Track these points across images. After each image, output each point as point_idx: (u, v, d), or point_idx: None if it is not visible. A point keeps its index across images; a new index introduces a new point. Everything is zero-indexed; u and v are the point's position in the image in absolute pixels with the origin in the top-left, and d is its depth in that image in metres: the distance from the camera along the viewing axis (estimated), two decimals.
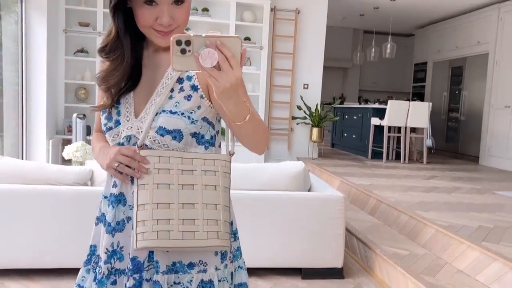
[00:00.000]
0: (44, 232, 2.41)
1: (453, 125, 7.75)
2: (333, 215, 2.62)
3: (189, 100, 0.98)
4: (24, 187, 2.41)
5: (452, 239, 2.69)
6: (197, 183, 0.94)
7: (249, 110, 0.87)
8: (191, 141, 0.99)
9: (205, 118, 1.00)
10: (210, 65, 0.77)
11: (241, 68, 0.79)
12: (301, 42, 6.41)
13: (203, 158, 0.96)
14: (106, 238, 1.01)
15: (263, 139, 0.97)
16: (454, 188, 4.42)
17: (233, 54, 0.77)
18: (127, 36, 0.98)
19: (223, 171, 0.97)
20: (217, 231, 0.93)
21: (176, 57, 0.77)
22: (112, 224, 1.01)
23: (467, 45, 7.39)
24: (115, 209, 1.00)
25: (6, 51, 4.67)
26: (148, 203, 0.91)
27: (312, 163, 5.93)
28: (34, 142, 5.02)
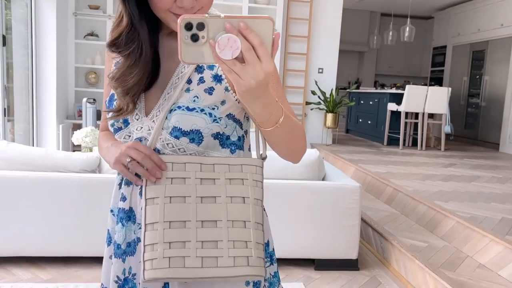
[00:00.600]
0: (52, 220, 2.36)
1: (473, 111, 7.51)
2: (348, 205, 2.51)
3: (211, 94, 0.78)
4: (31, 174, 2.36)
5: (474, 231, 2.56)
6: (220, 194, 0.75)
7: (282, 112, 0.70)
8: (213, 143, 0.79)
9: (231, 115, 0.80)
10: (231, 56, 0.59)
11: (273, 60, 0.60)
12: (316, 25, 6.22)
13: (227, 164, 0.77)
14: (115, 264, 0.83)
15: (300, 146, 0.80)
16: (474, 176, 4.27)
17: (262, 41, 0.58)
18: (143, 23, 0.78)
19: (254, 178, 0.77)
20: (247, 255, 0.73)
21: (185, 46, 0.59)
22: (122, 246, 0.82)
23: (489, 28, 7.10)
24: (125, 227, 0.82)
25: (16, 36, 4.61)
26: (158, 222, 0.72)
27: (326, 149, 5.80)
28: (44, 127, 4.99)
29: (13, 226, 2.34)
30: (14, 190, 2.33)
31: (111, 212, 0.88)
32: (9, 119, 4.37)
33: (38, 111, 4.95)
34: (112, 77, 0.81)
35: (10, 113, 4.47)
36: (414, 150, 6.07)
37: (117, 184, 0.87)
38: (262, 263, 0.74)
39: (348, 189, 2.52)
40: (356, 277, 2.49)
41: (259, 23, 0.58)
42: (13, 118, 4.61)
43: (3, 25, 4.11)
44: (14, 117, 4.62)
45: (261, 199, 0.78)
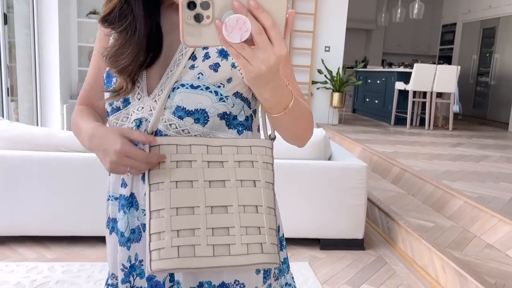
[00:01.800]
0: (56, 199, 2.35)
1: (482, 90, 7.38)
2: (354, 184, 2.48)
3: (217, 71, 0.72)
4: (34, 153, 2.34)
5: (482, 211, 2.52)
6: (229, 178, 0.70)
7: (291, 97, 0.65)
8: (219, 124, 0.74)
9: (238, 93, 0.74)
10: (240, 39, 0.51)
11: (285, 43, 0.54)
12: (323, 2, 6.08)
13: (235, 145, 0.72)
14: (120, 252, 0.79)
15: (308, 131, 0.76)
16: (482, 156, 4.20)
17: (275, 21, 0.51)
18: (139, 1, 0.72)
19: (264, 161, 0.72)
20: (261, 242, 0.68)
21: (187, 27, 0.52)
22: (125, 234, 0.78)
23: (501, 4, 6.92)
24: (127, 214, 0.77)
25: (18, 15, 4.55)
26: (164, 209, 0.67)
27: (332, 129, 5.75)
28: (48, 107, 4.97)
29: (18, 205, 2.33)
30: (18, 169, 2.32)
31: (113, 199, 0.82)
32: (12, 99, 4.35)
33: (42, 91, 4.93)
34: (105, 56, 0.74)
35: (14, 93, 4.44)
36: (421, 130, 6.00)
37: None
38: (277, 250, 0.70)
39: (355, 168, 2.48)
40: (361, 256, 2.47)
41: (271, 1, 0.51)
42: (17, 98, 4.59)
43: (4, 3, 4.04)
44: (17, 97, 4.60)
45: (272, 182, 0.73)
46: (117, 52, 0.73)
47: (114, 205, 0.82)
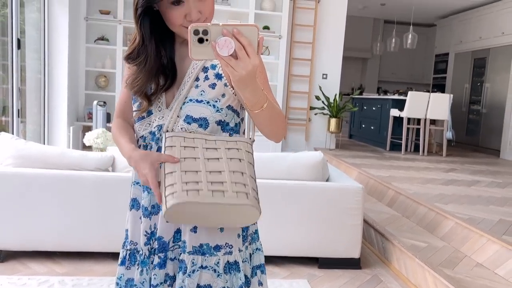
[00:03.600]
0: (67, 216, 2.46)
1: (474, 118, 7.60)
2: (351, 205, 2.61)
3: (214, 89, 1.00)
4: (48, 171, 2.47)
5: (472, 232, 2.66)
6: (222, 157, 0.94)
7: (266, 99, 0.90)
8: (216, 128, 1.01)
9: (230, 106, 1.02)
10: (227, 53, 0.78)
11: (258, 56, 0.80)
12: (320, 31, 6.34)
13: (225, 140, 0.98)
14: (144, 222, 1.05)
15: (281, 128, 1.00)
16: (474, 181, 4.36)
17: (250, 42, 0.78)
18: (152, 40, 1.00)
19: (246, 149, 0.97)
20: (246, 193, 0.89)
21: (193, 47, 0.79)
22: (148, 208, 1.04)
23: (491, 36, 7.21)
24: (150, 194, 1.04)
25: (29, 39, 4.75)
26: (175, 171, 0.90)
27: (329, 154, 5.90)
28: (55, 129, 5.12)
29: (30, 221, 2.44)
30: (32, 186, 2.44)
31: (136, 184, 1.09)
32: (21, 120, 4.49)
33: (49, 113, 5.08)
34: (126, 82, 1.05)
35: (22, 114, 4.60)
36: (416, 156, 6.16)
37: None
38: (257, 202, 0.91)
39: (351, 190, 2.62)
40: (358, 275, 2.58)
41: (247, 29, 0.78)
42: (25, 119, 4.73)
43: (18, 28, 4.24)
44: (26, 118, 4.75)
45: (252, 163, 0.96)
46: (134, 78, 1.02)
47: (136, 189, 1.09)
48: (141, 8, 0.96)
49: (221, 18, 5.67)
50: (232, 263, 1.01)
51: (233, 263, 1.01)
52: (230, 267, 1.01)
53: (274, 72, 6.01)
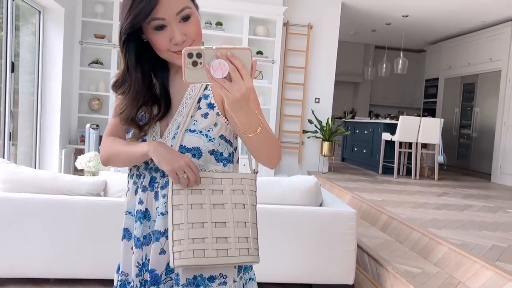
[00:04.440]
0: (58, 242, 2.42)
1: (465, 142, 7.69)
2: (344, 230, 2.60)
3: (206, 118, 1.00)
4: (39, 196, 2.44)
5: (466, 258, 2.65)
6: (227, 202, 0.97)
7: (260, 122, 0.90)
8: (210, 158, 1.01)
9: (222, 136, 1.02)
10: (221, 75, 0.78)
11: (251, 79, 0.80)
12: (313, 56, 6.45)
13: (231, 178, 1.00)
14: (136, 253, 1.04)
15: (275, 152, 0.99)
16: (466, 205, 4.38)
17: (244, 64, 0.79)
18: (138, 68, 1.00)
19: (250, 189, 1.01)
20: (248, 247, 0.96)
21: (187, 70, 0.78)
22: (141, 239, 1.04)
23: (479, 62, 7.37)
24: (142, 224, 1.03)
25: (22, 62, 4.76)
26: (183, 223, 0.94)
27: (322, 177, 5.91)
28: (47, 151, 5.08)
29: (20, 247, 2.40)
30: (22, 212, 2.40)
31: (128, 214, 1.08)
32: (13, 143, 4.46)
33: (42, 135, 5.05)
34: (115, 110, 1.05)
35: (14, 137, 4.57)
36: (408, 179, 6.19)
37: (132, 191, 1.07)
38: (257, 253, 0.99)
39: (345, 215, 2.62)
40: None
41: (241, 52, 0.79)
42: (16, 142, 4.70)
43: (13, 52, 4.26)
44: (17, 141, 4.71)
45: (255, 204, 1.02)
46: (119, 106, 1.03)
47: (128, 218, 1.08)
48: (124, 35, 0.95)
49: (215, 43, 5.75)
50: None
51: None
52: None
53: (267, 96, 6.07)
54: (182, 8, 0.95)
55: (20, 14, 4.69)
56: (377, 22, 7.67)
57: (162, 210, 1.00)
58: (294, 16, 6.32)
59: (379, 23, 7.72)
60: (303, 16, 6.36)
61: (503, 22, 6.84)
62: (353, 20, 7.56)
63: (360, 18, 7.42)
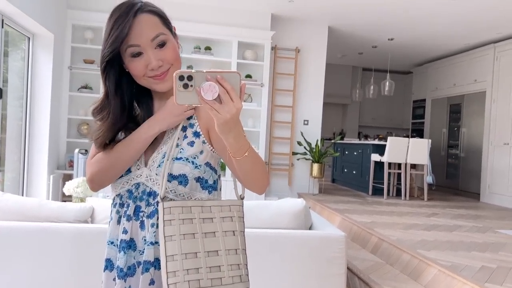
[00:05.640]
0: (44, 270, 2.38)
1: (453, 162, 7.77)
2: (334, 254, 2.59)
3: (192, 146, 1.02)
4: (24, 224, 2.40)
5: (455, 279, 2.65)
6: (217, 229, 0.99)
7: (248, 145, 0.91)
8: (195, 185, 1.02)
9: (208, 163, 1.04)
10: (211, 97, 0.80)
11: (241, 101, 0.82)
12: (301, 79, 6.53)
13: (220, 205, 1.01)
14: (118, 284, 1.02)
15: (263, 177, 1.00)
16: (455, 226, 4.39)
17: (233, 87, 0.81)
18: (117, 95, 1.02)
19: (238, 215, 1.03)
20: (240, 274, 0.99)
21: (178, 92, 0.80)
22: (124, 269, 1.02)
23: (464, 83, 7.52)
24: (126, 254, 1.02)
25: (11, 87, 4.76)
26: (177, 254, 0.94)
27: (313, 199, 5.91)
28: (35, 177, 5.03)
29: (5, 276, 2.35)
30: (7, 240, 2.36)
31: (111, 244, 1.06)
32: None
33: (30, 161, 5.01)
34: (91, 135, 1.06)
35: (1, 163, 4.52)
36: (398, 200, 6.21)
37: (115, 221, 1.06)
38: (248, 279, 1.01)
39: (334, 238, 2.61)
40: None
41: (230, 75, 0.82)
42: (3, 168, 4.65)
43: (0, 78, 4.26)
44: (4, 167, 4.66)
45: (243, 230, 1.04)
46: (94, 132, 1.04)
47: (110, 249, 1.06)
48: (103, 63, 0.99)
49: (204, 67, 5.80)
50: None
51: None
52: None
53: (257, 118, 6.11)
54: (156, 35, 0.98)
55: (10, 40, 4.71)
56: (363, 45, 7.83)
57: (152, 239, 0.99)
58: (282, 40, 6.43)
59: (366, 46, 7.88)
60: (291, 40, 6.47)
61: (486, 45, 7.02)
62: (340, 43, 7.71)
63: (347, 41, 7.57)
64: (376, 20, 6.25)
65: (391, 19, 6.16)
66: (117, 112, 1.02)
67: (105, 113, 1.02)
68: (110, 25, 0.97)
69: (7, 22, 4.32)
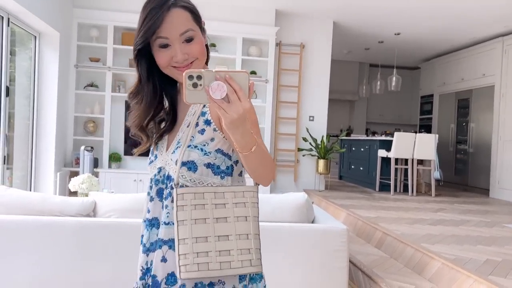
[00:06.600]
0: (47, 263, 2.41)
1: (462, 157, 7.69)
2: (336, 247, 2.58)
3: (203, 134, 1.06)
4: (28, 218, 2.43)
5: (459, 272, 2.62)
6: (229, 215, 1.02)
7: (255, 141, 0.93)
8: (206, 171, 1.06)
9: (219, 150, 1.07)
10: (220, 97, 0.82)
11: (248, 100, 0.85)
12: (306, 75, 6.52)
13: (233, 191, 1.04)
14: (141, 257, 1.12)
15: (269, 171, 1.03)
16: (462, 221, 4.35)
17: (241, 87, 0.83)
18: (150, 81, 1.09)
19: (252, 201, 1.05)
20: (250, 259, 1.01)
21: (188, 91, 0.83)
22: (147, 245, 1.12)
23: (472, 78, 7.44)
24: (149, 231, 1.11)
25: (18, 86, 4.82)
26: (188, 238, 0.99)
27: (318, 195, 5.89)
28: (42, 175, 5.09)
29: (9, 270, 2.38)
30: (11, 233, 2.40)
31: (143, 222, 1.16)
32: (8, 167, 4.47)
33: (37, 159, 5.07)
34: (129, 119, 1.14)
35: (9, 161, 4.58)
36: (405, 196, 6.17)
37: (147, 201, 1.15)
38: (260, 262, 1.04)
39: (336, 231, 2.60)
40: None
41: (239, 74, 0.83)
42: (12, 166, 4.71)
43: (7, 77, 4.31)
44: (12, 165, 4.73)
45: (257, 216, 1.05)
46: (132, 115, 1.12)
47: (143, 225, 1.16)
48: (135, 50, 1.05)
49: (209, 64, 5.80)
50: None
51: None
52: None
53: (261, 115, 6.11)
54: (185, 30, 1.03)
55: (17, 40, 4.76)
56: (369, 41, 7.78)
57: (165, 220, 1.06)
58: (287, 36, 6.41)
59: (372, 42, 7.83)
60: (296, 36, 6.45)
61: (494, 38, 6.93)
62: (346, 39, 7.67)
63: (353, 37, 7.52)
64: (382, 14, 6.20)
65: (397, 13, 6.11)
66: (150, 96, 1.10)
67: (139, 97, 1.10)
68: (144, 15, 1.03)
69: (14, 21, 4.37)
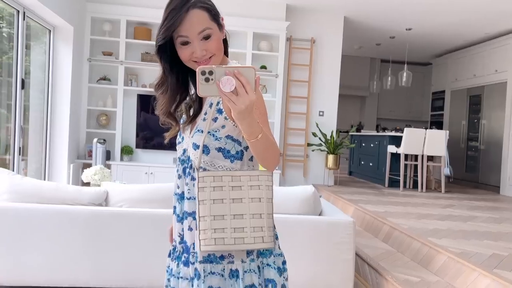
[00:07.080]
0: (60, 250, 2.49)
1: (473, 154, 7.63)
2: (342, 239, 2.62)
3: (215, 122, 1.19)
4: (41, 206, 2.51)
5: (464, 266, 2.64)
6: (245, 196, 1.14)
7: (261, 130, 1.04)
8: (217, 155, 1.18)
9: (229, 136, 1.19)
10: (229, 90, 0.92)
11: (255, 93, 0.95)
12: (316, 70, 6.53)
13: (249, 175, 1.16)
14: (177, 226, 1.27)
15: (274, 157, 1.14)
16: (471, 217, 4.35)
17: (248, 81, 0.94)
18: (173, 73, 1.22)
19: (266, 184, 1.17)
20: (262, 236, 1.14)
21: (201, 85, 0.94)
22: (180, 215, 1.27)
23: (485, 74, 7.37)
24: (180, 204, 1.27)
25: (34, 80, 4.92)
26: (207, 215, 1.13)
27: (327, 190, 5.92)
28: (56, 166, 5.20)
29: (23, 256, 2.47)
30: (25, 221, 2.48)
31: (174, 195, 1.29)
32: (23, 158, 4.58)
33: (51, 151, 5.18)
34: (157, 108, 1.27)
35: (24, 153, 4.69)
36: (414, 192, 6.16)
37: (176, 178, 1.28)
38: (272, 239, 1.16)
39: (342, 224, 2.63)
40: None
41: (246, 70, 0.94)
42: (27, 157, 4.82)
43: (23, 70, 4.41)
44: (27, 157, 4.84)
45: (271, 197, 1.17)
46: (159, 103, 1.25)
47: (174, 198, 1.30)
48: (157, 46, 1.17)
49: None
50: (234, 270, 1.19)
51: (235, 271, 1.19)
52: (232, 274, 1.19)
53: (271, 109, 6.14)
54: (203, 29, 1.14)
55: (33, 34, 4.86)
56: (381, 36, 7.74)
57: (187, 195, 1.22)
58: (297, 31, 6.43)
59: (383, 37, 7.79)
60: (306, 30, 6.46)
61: (507, 34, 6.86)
62: (357, 34, 7.65)
63: (364, 32, 7.50)
64: (393, 9, 6.18)
65: (409, 8, 6.08)
66: (174, 87, 1.23)
67: (164, 88, 1.23)
68: (165, 15, 1.14)
69: (29, 14, 4.47)
